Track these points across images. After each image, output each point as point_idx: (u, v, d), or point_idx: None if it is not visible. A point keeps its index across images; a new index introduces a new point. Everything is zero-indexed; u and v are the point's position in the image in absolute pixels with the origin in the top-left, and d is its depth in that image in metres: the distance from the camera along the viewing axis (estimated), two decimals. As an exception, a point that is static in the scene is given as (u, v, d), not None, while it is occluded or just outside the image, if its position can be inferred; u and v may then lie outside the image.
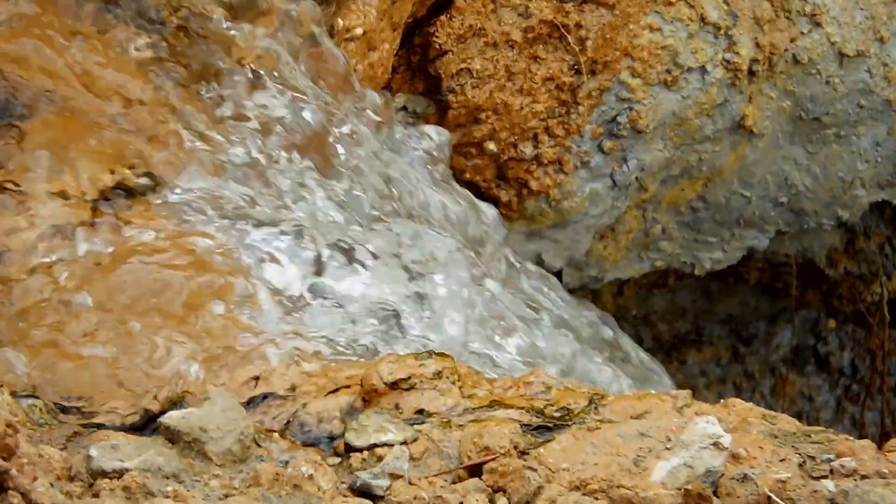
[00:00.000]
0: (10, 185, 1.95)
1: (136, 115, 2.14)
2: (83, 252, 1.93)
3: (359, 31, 2.53)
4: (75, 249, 1.93)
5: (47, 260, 1.90)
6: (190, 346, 1.87)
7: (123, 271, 1.93)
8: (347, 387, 1.76)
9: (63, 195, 1.97)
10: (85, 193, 1.99)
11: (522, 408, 1.69)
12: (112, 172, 2.03)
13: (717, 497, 1.47)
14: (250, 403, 1.73)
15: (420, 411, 1.69)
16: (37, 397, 1.68)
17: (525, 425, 1.64)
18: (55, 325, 1.83)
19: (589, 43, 2.95)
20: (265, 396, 1.74)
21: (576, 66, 2.97)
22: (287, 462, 1.53)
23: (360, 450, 1.60)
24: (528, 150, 3.03)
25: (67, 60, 2.12)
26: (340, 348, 1.97)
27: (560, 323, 2.65)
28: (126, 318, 1.88)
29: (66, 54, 2.13)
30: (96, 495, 1.37)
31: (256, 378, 1.81)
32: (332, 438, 1.66)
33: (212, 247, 2.03)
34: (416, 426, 1.64)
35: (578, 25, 2.94)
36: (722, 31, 3.07)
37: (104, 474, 1.41)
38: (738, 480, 1.48)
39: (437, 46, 2.86)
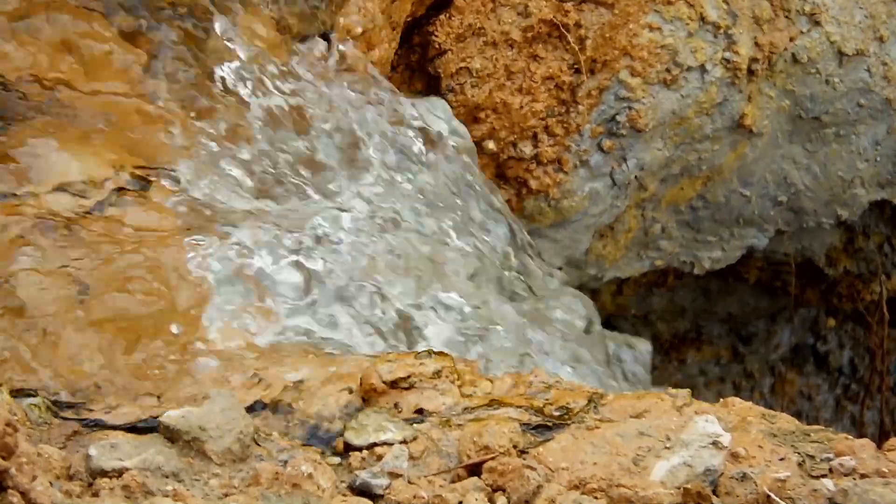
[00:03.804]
0: (8, 184, 1.95)
1: (136, 113, 2.14)
2: (82, 248, 1.93)
3: (358, 29, 2.52)
4: (75, 247, 1.93)
5: (47, 257, 1.90)
6: (186, 340, 1.87)
7: (122, 269, 1.93)
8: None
9: (63, 191, 1.97)
10: (84, 190, 1.99)
11: (522, 407, 1.70)
12: (112, 169, 2.03)
13: (717, 496, 1.47)
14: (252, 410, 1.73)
15: (419, 410, 1.69)
16: (36, 395, 1.68)
17: (524, 424, 1.64)
18: (55, 322, 1.83)
19: (588, 42, 2.95)
20: (265, 406, 1.74)
21: (575, 66, 2.96)
22: (286, 461, 1.53)
23: (360, 449, 1.60)
24: (527, 149, 3.03)
25: (68, 58, 2.12)
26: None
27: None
28: (125, 317, 1.88)
29: (66, 52, 2.12)
30: (96, 494, 1.37)
31: (256, 376, 1.81)
32: (331, 437, 1.66)
33: (206, 242, 2.03)
34: (415, 425, 1.64)
35: (578, 24, 2.93)
36: (721, 31, 3.07)
37: (104, 473, 1.41)
38: (737, 479, 1.48)
39: (437, 46, 2.86)
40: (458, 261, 2.40)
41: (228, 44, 2.26)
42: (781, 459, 1.53)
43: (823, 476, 1.49)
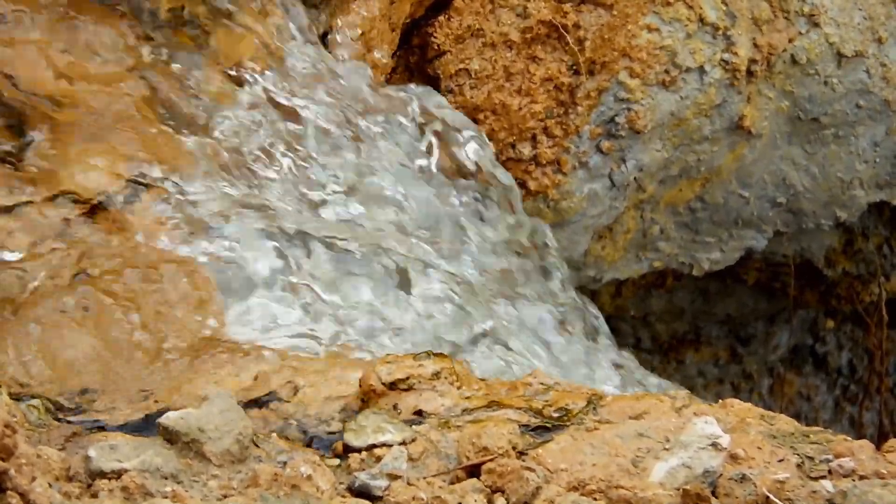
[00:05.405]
0: (12, 185, 1.96)
1: (133, 116, 2.14)
2: (83, 251, 1.93)
3: (357, 31, 2.53)
4: (76, 249, 1.93)
5: (47, 259, 1.90)
6: (186, 343, 1.87)
7: (120, 269, 1.93)
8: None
9: (62, 195, 1.97)
10: (84, 193, 1.99)
11: (521, 408, 1.70)
12: (113, 172, 2.03)
13: (716, 497, 1.47)
14: (251, 405, 1.72)
15: (418, 412, 1.69)
16: (35, 397, 1.68)
17: (523, 426, 1.64)
18: (54, 323, 1.83)
19: (587, 43, 2.95)
20: (267, 399, 1.74)
21: (574, 67, 2.97)
22: (285, 462, 1.53)
23: (359, 450, 1.60)
24: (526, 150, 3.03)
25: (67, 61, 2.12)
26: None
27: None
28: (125, 318, 1.88)
29: (64, 55, 2.13)
30: (95, 496, 1.37)
31: (255, 378, 1.81)
32: (330, 439, 1.66)
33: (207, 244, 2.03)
34: (414, 427, 1.64)
35: (577, 26, 2.94)
36: (720, 32, 3.07)
37: (103, 475, 1.41)
38: (736, 481, 1.48)
39: (436, 47, 2.86)
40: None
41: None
42: (780, 461, 1.53)
43: (822, 477, 1.49)
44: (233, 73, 2.26)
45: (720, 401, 1.73)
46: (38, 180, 1.98)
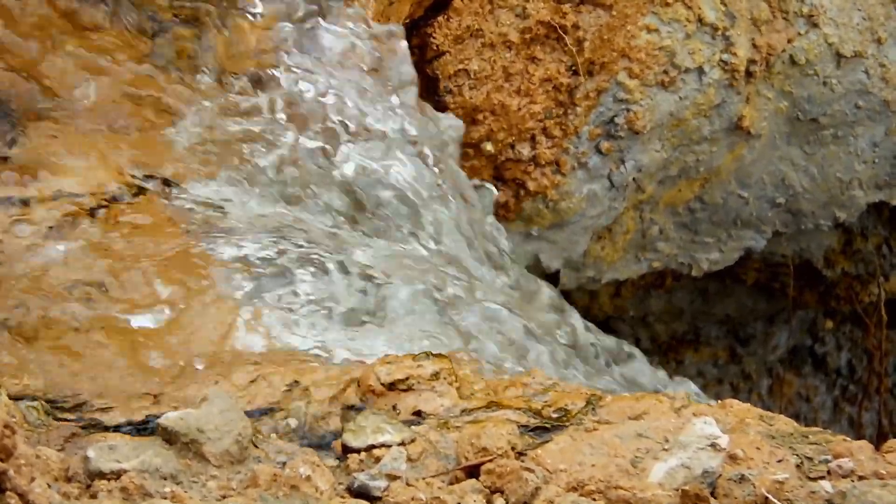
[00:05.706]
0: (11, 183, 1.96)
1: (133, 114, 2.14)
2: (80, 250, 1.93)
3: (356, 31, 2.52)
4: (73, 248, 1.93)
5: (46, 258, 1.90)
6: (185, 341, 1.87)
7: (120, 269, 1.93)
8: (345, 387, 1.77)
9: (62, 194, 1.97)
10: (83, 192, 1.99)
11: (520, 409, 1.70)
12: (113, 172, 2.04)
13: (715, 498, 1.47)
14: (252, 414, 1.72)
15: (418, 412, 1.69)
16: (35, 398, 1.68)
17: (522, 426, 1.64)
18: (52, 322, 1.83)
19: (586, 44, 2.95)
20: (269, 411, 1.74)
21: (573, 67, 2.97)
22: (285, 463, 1.53)
23: (358, 451, 1.60)
24: (525, 150, 3.03)
25: (67, 60, 2.12)
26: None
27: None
28: (122, 317, 1.88)
29: (66, 53, 2.13)
30: (94, 496, 1.37)
31: (256, 378, 1.81)
32: (329, 439, 1.66)
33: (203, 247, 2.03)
34: (413, 427, 1.64)
35: (576, 26, 2.94)
36: (719, 32, 3.07)
37: (102, 475, 1.41)
38: (735, 481, 1.48)
39: (435, 47, 2.86)
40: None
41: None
42: (779, 461, 1.53)
43: (821, 478, 1.50)
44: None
45: (719, 401, 1.73)
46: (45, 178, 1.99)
